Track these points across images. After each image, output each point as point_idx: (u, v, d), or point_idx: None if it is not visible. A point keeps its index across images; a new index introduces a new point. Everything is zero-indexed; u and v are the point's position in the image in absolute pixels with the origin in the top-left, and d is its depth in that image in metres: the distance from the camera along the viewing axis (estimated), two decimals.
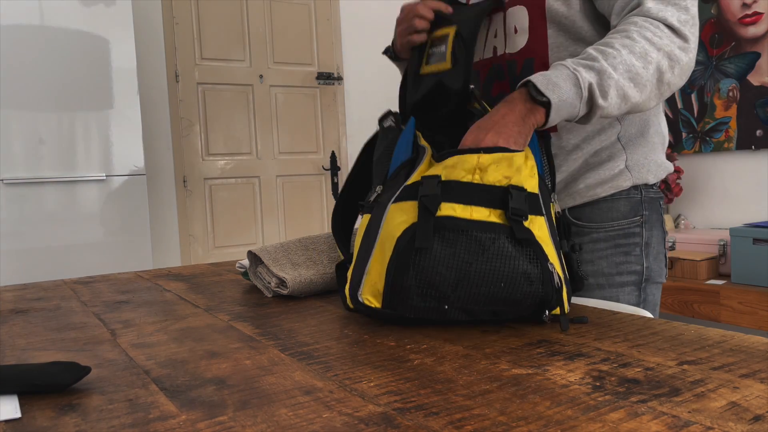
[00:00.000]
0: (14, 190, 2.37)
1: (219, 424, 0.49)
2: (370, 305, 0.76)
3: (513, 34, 1.03)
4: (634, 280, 1.03)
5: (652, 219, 1.04)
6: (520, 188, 0.74)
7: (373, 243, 0.76)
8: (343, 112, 3.75)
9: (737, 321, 2.98)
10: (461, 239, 0.71)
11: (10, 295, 1.15)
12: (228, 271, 1.35)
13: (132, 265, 2.57)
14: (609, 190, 1.01)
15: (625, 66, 0.83)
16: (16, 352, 0.74)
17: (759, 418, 0.46)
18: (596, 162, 1.02)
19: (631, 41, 0.84)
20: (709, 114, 3.56)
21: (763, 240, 2.95)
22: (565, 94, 0.81)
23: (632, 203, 1.02)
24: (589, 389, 0.53)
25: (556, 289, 0.73)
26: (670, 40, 0.85)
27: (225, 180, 3.42)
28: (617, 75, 0.82)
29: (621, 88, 0.83)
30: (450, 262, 0.71)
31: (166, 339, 0.77)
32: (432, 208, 0.72)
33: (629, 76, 0.83)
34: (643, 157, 1.02)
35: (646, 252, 1.03)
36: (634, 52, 0.84)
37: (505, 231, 0.72)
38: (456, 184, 0.74)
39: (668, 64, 0.85)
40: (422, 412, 0.50)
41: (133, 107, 2.57)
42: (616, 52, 0.83)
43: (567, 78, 0.81)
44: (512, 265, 0.71)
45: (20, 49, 2.36)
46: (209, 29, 3.36)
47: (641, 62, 0.84)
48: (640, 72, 0.84)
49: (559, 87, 0.81)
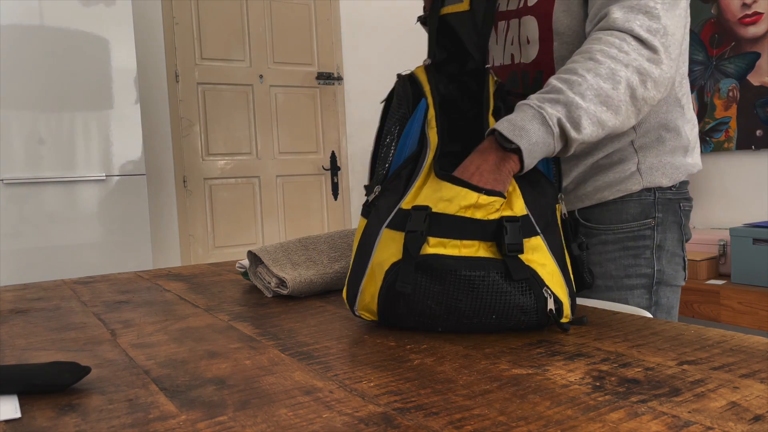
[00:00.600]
0: (14, 190, 2.37)
1: (219, 424, 0.49)
2: (366, 318, 0.78)
3: (526, 44, 1.02)
4: (644, 282, 1.00)
5: (667, 221, 1.01)
6: (513, 219, 0.71)
7: (366, 264, 0.76)
8: (343, 112, 3.75)
9: (737, 321, 2.98)
10: (449, 278, 0.70)
11: (10, 295, 1.15)
12: (228, 271, 1.35)
13: (132, 265, 2.57)
14: (617, 193, 0.99)
15: (593, 91, 0.79)
16: (16, 352, 0.74)
17: (759, 418, 0.46)
18: (607, 164, 1.00)
19: (595, 63, 0.80)
20: (709, 114, 3.55)
21: (763, 240, 2.95)
22: (534, 136, 0.77)
23: (643, 205, 1.00)
24: (589, 389, 0.53)
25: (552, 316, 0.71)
26: (637, 53, 0.81)
27: (225, 180, 3.42)
28: (586, 103, 0.79)
29: (594, 115, 0.79)
30: (439, 298, 0.71)
31: (166, 339, 0.77)
32: (413, 250, 0.70)
33: (600, 101, 0.79)
34: (657, 160, 0.99)
35: (658, 255, 1.00)
36: (600, 75, 0.80)
37: (495, 266, 0.69)
38: (446, 217, 0.71)
39: (639, 80, 0.81)
40: (422, 412, 0.50)
41: (133, 107, 2.57)
42: (581, 78, 0.79)
43: (533, 118, 0.78)
44: (504, 300, 0.70)
45: (20, 49, 2.36)
46: (209, 29, 3.36)
47: (609, 83, 0.80)
48: (611, 94, 0.80)
49: (526, 131, 0.77)
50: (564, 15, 0.95)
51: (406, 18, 3.88)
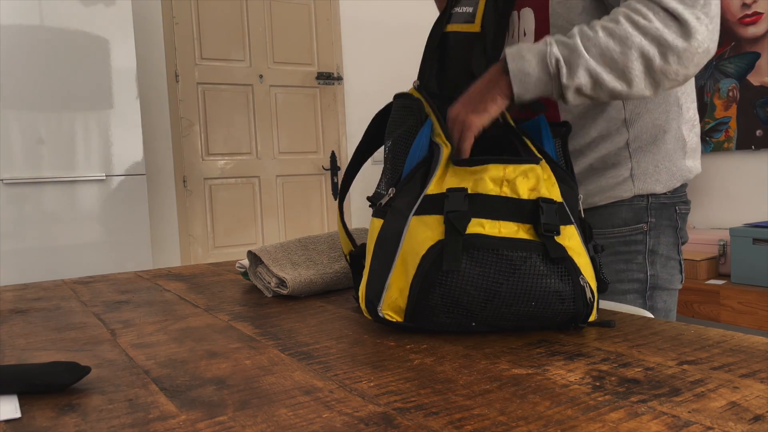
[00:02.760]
0: (14, 190, 2.37)
1: (219, 424, 0.49)
2: (391, 320, 0.73)
3: (522, 38, 1.00)
4: (637, 287, 0.99)
5: (661, 225, 0.99)
6: (549, 200, 0.71)
7: (393, 257, 0.72)
8: (343, 112, 3.75)
9: (737, 321, 2.98)
10: (491, 258, 0.68)
11: (10, 295, 1.15)
12: (228, 271, 1.35)
13: (132, 265, 2.57)
14: (606, 199, 0.98)
15: (598, 49, 0.77)
16: (16, 352, 0.74)
17: (759, 418, 0.46)
18: (600, 168, 0.98)
19: (614, 24, 0.78)
20: (709, 114, 3.55)
21: (763, 240, 2.95)
22: (527, 66, 0.78)
23: (635, 210, 0.98)
24: (589, 389, 0.53)
25: (589, 305, 0.71)
26: (663, 23, 0.77)
27: (225, 180, 3.42)
28: (588, 56, 0.78)
29: (593, 70, 0.78)
30: (479, 282, 0.68)
31: (166, 339, 0.77)
32: (460, 227, 0.68)
33: (603, 60, 0.78)
34: (653, 166, 0.97)
35: (652, 259, 0.99)
36: (613, 35, 0.78)
37: (536, 248, 0.69)
38: (483, 197, 0.70)
39: (658, 51, 0.77)
40: (422, 412, 0.50)
41: (133, 107, 2.57)
42: (594, 33, 0.78)
43: (537, 52, 0.79)
44: (544, 284, 0.68)
45: (20, 49, 2.36)
46: (209, 29, 3.35)
47: (619, 46, 0.77)
48: (616, 57, 0.77)
49: (523, 58, 0.78)
50: (559, 5, 0.93)
51: (406, 18, 3.87)
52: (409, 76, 3.79)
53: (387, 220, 0.75)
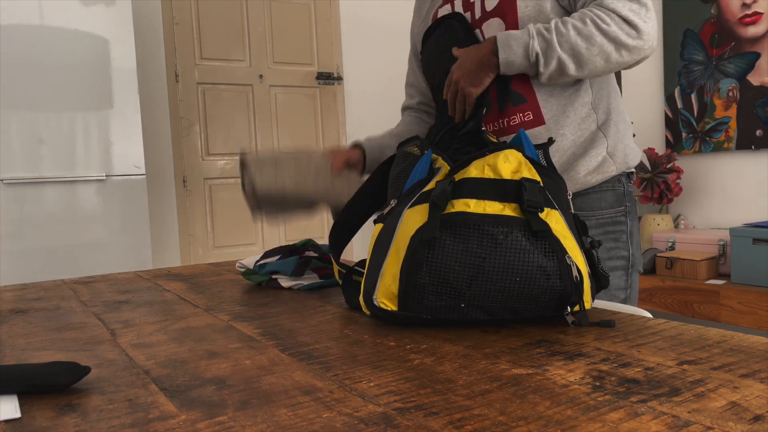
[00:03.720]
0: (14, 190, 2.37)
1: (219, 424, 0.49)
2: (386, 308, 0.75)
3: None
4: (623, 265, 1.12)
5: (633, 211, 1.16)
6: (533, 180, 0.75)
7: (387, 247, 0.76)
8: (343, 112, 3.74)
9: (737, 321, 2.98)
10: (473, 234, 0.71)
11: (10, 295, 1.15)
12: (228, 271, 1.35)
13: (132, 265, 2.57)
14: (598, 177, 1.10)
15: (569, 44, 0.98)
16: (16, 352, 0.74)
17: (759, 418, 0.46)
18: (581, 151, 1.10)
19: (582, 24, 0.98)
20: (709, 114, 3.55)
21: (763, 240, 2.95)
22: (512, 56, 1.01)
23: (617, 195, 1.13)
24: (589, 389, 0.53)
25: (575, 283, 0.71)
26: (618, 27, 0.98)
27: (225, 180, 3.42)
28: (561, 50, 0.98)
29: (561, 62, 0.99)
30: (463, 258, 0.71)
31: (166, 339, 0.77)
32: (440, 203, 0.73)
33: (572, 54, 0.99)
34: (619, 142, 1.12)
35: (631, 240, 1.14)
36: (581, 34, 0.98)
37: (519, 224, 0.72)
38: (468, 180, 0.75)
39: (614, 48, 0.98)
40: (422, 412, 0.50)
41: (133, 107, 2.57)
42: (566, 31, 0.98)
43: (522, 44, 1.00)
44: (527, 259, 0.71)
45: (20, 49, 2.36)
46: (209, 29, 3.35)
47: (585, 43, 0.98)
48: (583, 52, 0.98)
49: (511, 49, 1.01)
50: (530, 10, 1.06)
51: (406, 18, 3.87)
52: None
53: (386, 222, 0.81)
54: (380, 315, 0.78)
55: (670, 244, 3.47)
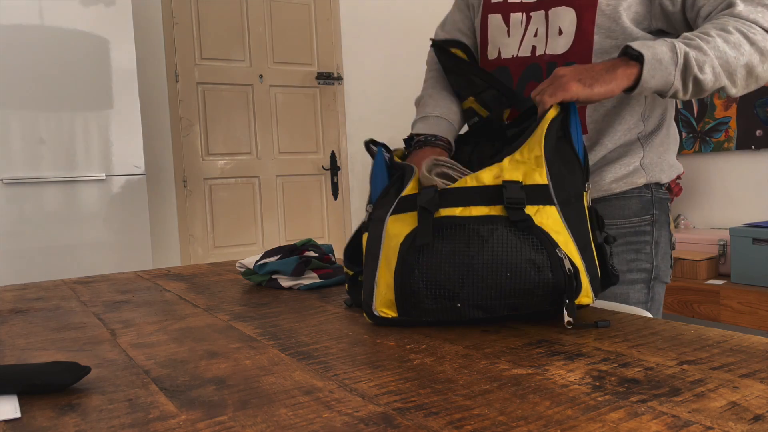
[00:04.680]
0: (14, 190, 2.37)
1: (219, 424, 0.49)
2: (386, 317, 0.76)
3: (556, 36, 1.02)
4: (644, 278, 1.04)
5: (662, 219, 1.06)
6: (513, 181, 0.75)
7: (377, 257, 0.77)
8: (343, 112, 3.74)
9: (737, 321, 2.98)
10: (460, 234, 0.72)
11: (10, 295, 1.15)
12: (228, 271, 1.35)
13: (132, 265, 2.57)
14: (624, 186, 1.03)
15: (718, 51, 0.86)
16: (16, 352, 0.74)
17: (759, 418, 0.46)
18: (614, 157, 1.03)
19: (727, 33, 0.87)
20: (709, 114, 3.55)
21: (763, 240, 2.95)
22: (659, 53, 0.85)
23: (643, 202, 1.04)
24: (589, 389, 0.53)
25: (568, 276, 0.71)
26: (763, 37, 0.88)
27: (225, 180, 3.42)
28: (712, 54, 0.86)
29: (715, 68, 0.87)
30: (453, 258, 0.72)
31: (166, 339, 0.77)
32: (431, 208, 0.73)
33: (721, 63, 0.87)
34: (657, 157, 1.04)
35: (656, 251, 1.05)
36: (728, 42, 0.87)
37: (503, 221, 0.72)
38: (452, 190, 0.75)
39: (759, 59, 0.89)
40: (422, 412, 0.49)
41: (133, 107, 2.57)
42: (712, 39, 0.87)
43: (663, 43, 0.86)
44: (515, 254, 0.71)
45: (20, 49, 2.36)
46: (209, 29, 3.35)
47: (734, 52, 0.87)
48: (731, 61, 0.87)
49: (653, 48, 0.85)
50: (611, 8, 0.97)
51: (406, 18, 3.87)
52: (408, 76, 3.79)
53: (370, 230, 0.81)
54: (382, 323, 0.79)
55: None
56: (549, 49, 1.03)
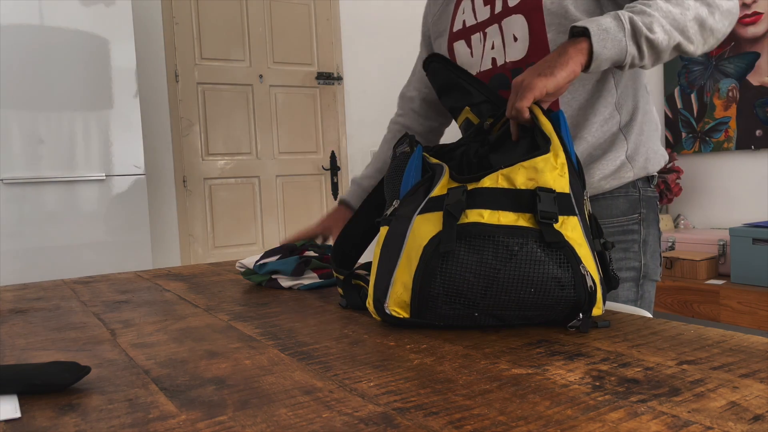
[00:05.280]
0: (14, 190, 2.37)
1: (219, 424, 0.49)
2: (398, 316, 0.75)
3: (512, 43, 1.04)
4: (633, 276, 1.04)
5: (650, 218, 1.07)
6: (548, 190, 0.73)
7: (398, 255, 0.75)
8: (342, 112, 3.74)
9: (737, 321, 2.98)
10: (488, 245, 0.70)
11: (10, 295, 1.15)
12: (228, 271, 1.35)
13: (132, 265, 2.57)
14: (613, 183, 1.03)
15: (661, 12, 0.86)
16: (16, 352, 0.74)
17: (759, 418, 0.46)
18: (599, 154, 1.03)
19: None
20: (709, 114, 3.55)
21: (762, 240, 2.95)
22: (603, 24, 0.84)
23: (631, 201, 1.05)
24: (588, 389, 0.53)
25: (590, 293, 0.71)
26: None
27: (225, 180, 3.42)
28: (657, 15, 0.85)
29: (664, 26, 0.86)
30: (477, 269, 0.70)
31: (166, 339, 0.77)
32: (456, 213, 0.71)
33: (669, 21, 0.86)
34: (641, 146, 1.04)
35: (644, 249, 1.06)
36: (669, 1, 0.87)
37: (534, 235, 0.70)
38: (482, 190, 0.73)
39: (707, 11, 0.88)
40: (422, 411, 0.50)
41: (133, 107, 2.57)
42: (653, 2, 0.87)
43: (607, 15, 0.86)
44: (542, 270, 0.69)
45: (20, 49, 2.36)
46: (209, 29, 3.35)
47: (678, 9, 0.86)
48: (678, 18, 0.86)
49: (597, 21, 0.85)
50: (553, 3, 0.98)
51: (406, 18, 3.87)
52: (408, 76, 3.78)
53: (392, 225, 0.79)
54: (391, 321, 0.77)
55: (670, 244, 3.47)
56: (509, 57, 1.05)
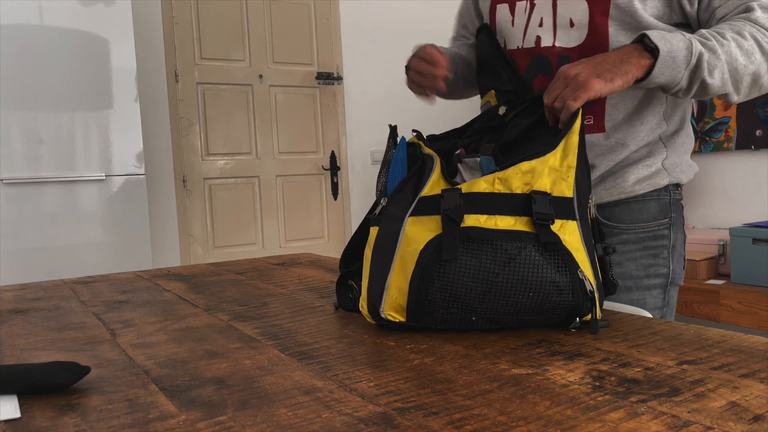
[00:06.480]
0: (14, 190, 2.37)
1: (219, 424, 0.49)
2: (393, 320, 0.74)
3: (568, 28, 0.99)
4: (661, 282, 1.02)
5: (678, 222, 1.05)
6: (542, 193, 0.72)
7: (391, 258, 0.73)
8: (342, 112, 3.74)
9: (737, 321, 2.98)
10: (486, 250, 0.69)
11: (10, 295, 1.15)
12: (228, 271, 1.35)
13: (132, 265, 2.57)
14: (646, 187, 1.01)
15: (729, 57, 0.85)
16: (16, 352, 0.74)
17: (759, 418, 0.46)
18: (637, 158, 1.01)
19: (742, 38, 0.86)
20: (709, 114, 3.55)
21: (762, 240, 2.95)
22: (675, 50, 0.83)
23: (662, 205, 1.03)
24: (588, 389, 0.53)
25: (588, 297, 0.71)
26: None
27: (225, 180, 3.42)
28: (724, 59, 0.85)
29: (724, 74, 0.85)
30: (476, 273, 0.69)
31: (165, 339, 0.77)
32: (456, 218, 0.70)
33: (730, 69, 0.86)
34: (677, 157, 1.03)
35: (673, 255, 1.03)
36: (741, 48, 0.86)
37: (531, 239, 0.70)
38: (478, 195, 0.72)
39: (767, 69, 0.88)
40: (422, 412, 0.50)
41: (132, 107, 2.57)
42: (727, 42, 0.85)
43: (681, 40, 0.84)
44: (540, 274, 0.69)
45: (20, 49, 2.36)
46: (209, 29, 3.35)
47: (745, 60, 0.86)
48: (740, 69, 0.86)
49: (671, 43, 0.83)
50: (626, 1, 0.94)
51: (406, 18, 3.87)
52: None
53: (382, 226, 0.77)
54: (387, 325, 0.76)
55: None
56: (559, 41, 1.00)
